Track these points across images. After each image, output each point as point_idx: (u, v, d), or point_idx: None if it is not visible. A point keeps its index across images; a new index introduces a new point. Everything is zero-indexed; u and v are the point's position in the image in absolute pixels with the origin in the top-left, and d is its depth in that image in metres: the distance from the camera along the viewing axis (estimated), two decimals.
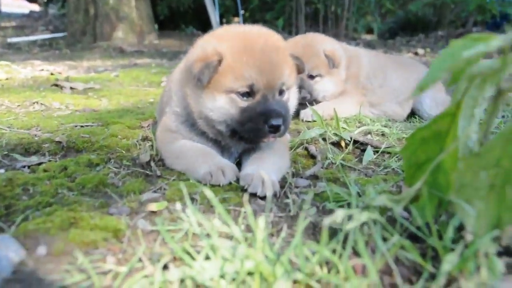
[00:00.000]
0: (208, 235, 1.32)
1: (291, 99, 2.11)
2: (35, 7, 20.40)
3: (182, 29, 13.71)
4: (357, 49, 3.64)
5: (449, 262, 1.16)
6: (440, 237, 1.31)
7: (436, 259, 1.29)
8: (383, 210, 1.43)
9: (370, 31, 14.99)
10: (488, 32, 12.19)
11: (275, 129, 1.89)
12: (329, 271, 1.20)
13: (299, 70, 2.13)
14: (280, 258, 1.17)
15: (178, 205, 1.31)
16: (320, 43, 3.37)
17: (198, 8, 13.79)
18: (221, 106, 1.93)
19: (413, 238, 1.40)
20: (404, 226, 1.42)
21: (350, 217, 1.35)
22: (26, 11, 19.07)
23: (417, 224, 1.37)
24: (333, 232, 1.45)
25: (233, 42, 1.94)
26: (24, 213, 1.58)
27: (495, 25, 12.25)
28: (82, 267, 1.25)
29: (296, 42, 3.37)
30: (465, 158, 1.37)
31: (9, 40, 10.47)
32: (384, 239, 1.29)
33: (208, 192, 1.19)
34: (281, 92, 1.99)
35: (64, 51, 9.22)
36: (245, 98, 1.92)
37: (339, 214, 1.11)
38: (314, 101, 3.39)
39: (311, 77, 3.33)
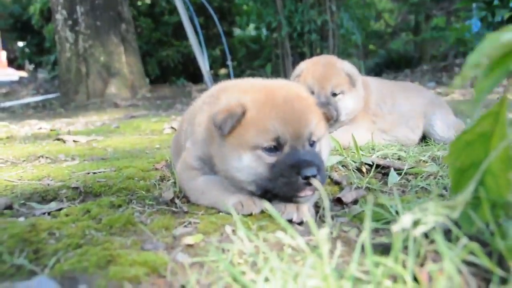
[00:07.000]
0: (259, 253, 1.25)
1: (323, 150, 2.00)
2: (24, 74, 20.62)
3: (173, 81, 13.91)
4: (365, 76, 3.68)
5: None
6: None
7: (501, 264, 1.23)
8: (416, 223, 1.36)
9: None
10: None
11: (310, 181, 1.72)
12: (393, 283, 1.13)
13: (327, 118, 2.04)
14: (345, 273, 1.11)
15: (228, 228, 1.24)
16: (340, 62, 3.44)
17: (186, 61, 14.10)
18: (248, 164, 1.82)
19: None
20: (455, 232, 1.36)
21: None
22: (16, 78, 19.23)
23: (475, 228, 1.31)
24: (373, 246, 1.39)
25: (256, 95, 1.87)
26: (56, 255, 1.49)
27: None
28: None
29: (316, 62, 3.44)
30: None
31: (2, 104, 10.49)
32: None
33: (268, 205, 1.14)
34: (312, 144, 1.88)
35: (59, 110, 9.24)
36: (272, 153, 1.81)
37: (408, 219, 1.05)
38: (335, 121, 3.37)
39: (334, 94, 3.34)
